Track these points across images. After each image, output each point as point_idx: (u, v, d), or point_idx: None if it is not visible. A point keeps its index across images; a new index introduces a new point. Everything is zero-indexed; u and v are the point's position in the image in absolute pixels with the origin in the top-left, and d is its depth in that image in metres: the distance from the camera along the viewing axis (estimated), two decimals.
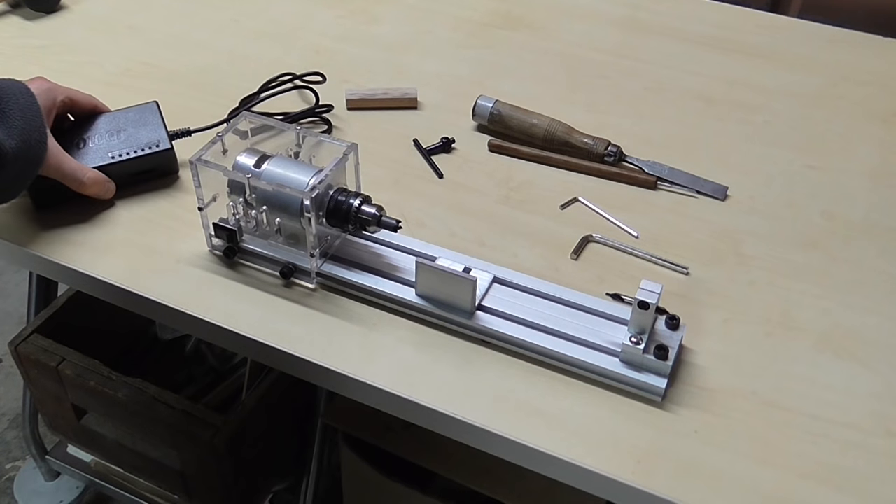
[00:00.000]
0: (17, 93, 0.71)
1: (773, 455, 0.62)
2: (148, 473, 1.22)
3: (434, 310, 0.70)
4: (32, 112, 0.71)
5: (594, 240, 0.80)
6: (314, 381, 0.71)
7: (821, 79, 1.03)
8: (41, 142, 0.72)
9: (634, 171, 0.87)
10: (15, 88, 0.71)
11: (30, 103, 0.71)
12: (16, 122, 0.68)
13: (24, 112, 0.70)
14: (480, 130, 0.93)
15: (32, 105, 0.71)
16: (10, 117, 0.68)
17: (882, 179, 0.88)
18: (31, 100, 0.71)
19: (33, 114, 0.71)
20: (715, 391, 0.66)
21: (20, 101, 0.70)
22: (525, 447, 0.62)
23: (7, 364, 1.73)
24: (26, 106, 0.70)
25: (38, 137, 0.71)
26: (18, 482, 1.48)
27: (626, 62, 1.06)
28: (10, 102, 0.69)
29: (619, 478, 0.60)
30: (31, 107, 0.71)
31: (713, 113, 0.98)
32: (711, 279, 0.76)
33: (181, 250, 0.76)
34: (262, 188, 0.70)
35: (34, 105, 0.72)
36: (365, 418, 1.06)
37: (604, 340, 0.67)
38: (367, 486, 1.11)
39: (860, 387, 0.67)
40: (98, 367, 1.11)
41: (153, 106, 0.85)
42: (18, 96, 0.70)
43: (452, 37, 1.10)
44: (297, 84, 0.97)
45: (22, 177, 0.71)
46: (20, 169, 0.70)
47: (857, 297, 0.75)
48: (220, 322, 0.70)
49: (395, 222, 0.70)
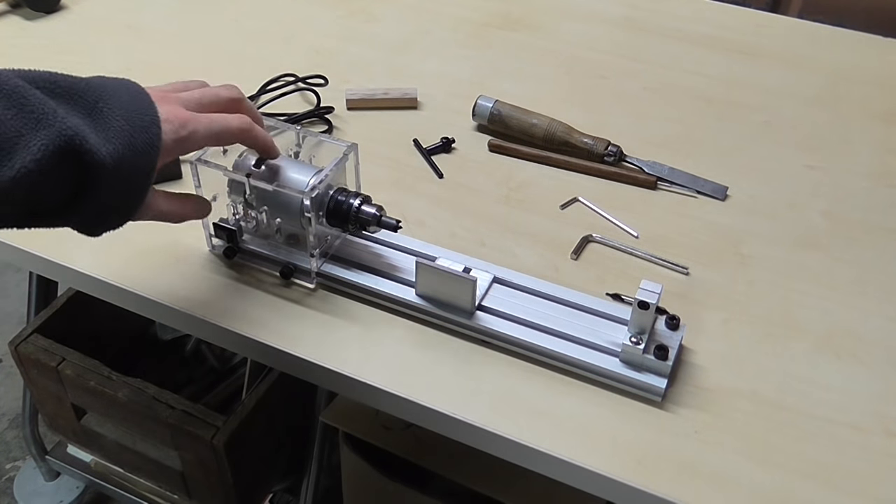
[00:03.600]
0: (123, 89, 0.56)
1: (773, 455, 0.62)
2: (148, 473, 1.22)
3: (434, 310, 0.70)
4: (141, 109, 0.55)
5: (594, 240, 0.80)
6: (314, 381, 0.71)
7: (821, 79, 1.03)
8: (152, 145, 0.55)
9: (634, 171, 0.87)
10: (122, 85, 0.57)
11: (139, 101, 0.56)
12: (115, 122, 0.54)
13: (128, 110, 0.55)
14: (480, 130, 0.93)
15: (142, 103, 0.56)
16: (108, 117, 0.54)
17: (882, 179, 0.88)
18: (141, 97, 0.56)
19: (142, 111, 0.55)
20: (715, 391, 0.66)
21: (123, 98, 0.55)
22: (525, 447, 0.62)
23: (7, 364, 1.73)
24: (131, 103, 0.55)
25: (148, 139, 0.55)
26: (18, 482, 1.48)
27: (626, 62, 1.06)
28: (110, 100, 0.55)
29: (619, 478, 0.60)
30: (141, 104, 0.56)
31: (713, 113, 0.98)
32: (711, 279, 0.76)
33: (181, 250, 0.77)
34: (262, 188, 0.70)
35: (145, 103, 0.56)
36: (365, 418, 1.06)
37: (604, 340, 0.67)
38: (367, 486, 1.11)
39: (860, 387, 0.67)
40: (98, 367, 1.11)
41: None
42: (123, 93, 0.56)
43: (452, 37, 1.10)
44: (300, 86, 0.97)
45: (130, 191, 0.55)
46: (126, 179, 0.54)
47: (857, 297, 0.75)
48: (220, 322, 0.70)
49: (395, 222, 0.70)
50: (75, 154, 0.51)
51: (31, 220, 0.54)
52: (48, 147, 0.49)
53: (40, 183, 0.50)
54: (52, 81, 0.53)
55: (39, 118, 0.49)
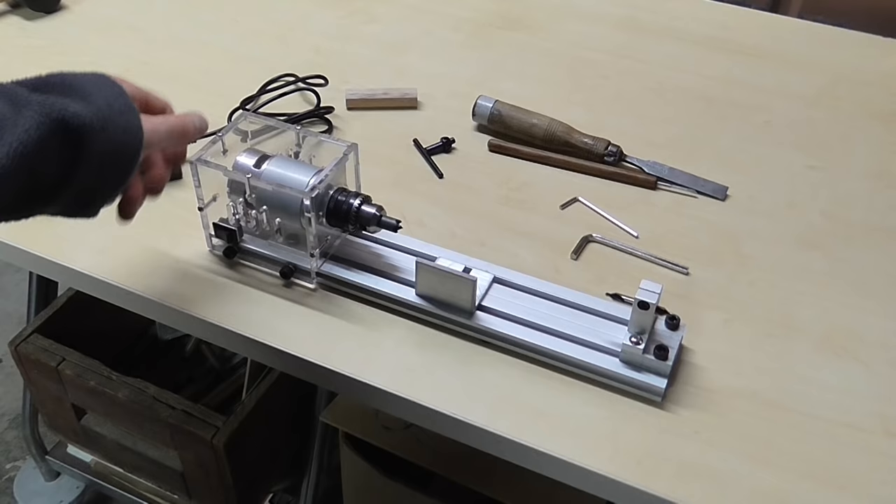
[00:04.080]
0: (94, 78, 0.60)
1: (773, 455, 0.62)
2: (148, 473, 1.22)
3: (434, 310, 0.70)
4: (109, 84, 0.60)
5: (594, 240, 0.80)
6: (314, 381, 0.71)
7: (821, 79, 1.03)
8: (130, 110, 0.59)
9: (634, 171, 0.87)
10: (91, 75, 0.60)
11: (109, 84, 0.60)
12: (90, 93, 0.57)
13: (99, 85, 0.59)
14: (480, 130, 0.93)
15: (113, 86, 0.60)
16: (81, 91, 0.57)
17: (882, 179, 0.88)
18: (109, 81, 0.60)
19: (111, 85, 0.59)
20: (715, 391, 0.66)
21: (89, 77, 0.60)
22: (525, 447, 0.62)
23: (7, 364, 1.73)
24: (98, 79, 0.59)
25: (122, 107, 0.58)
26: (18, 482, 1.48)
27: (626, 62, 1.06)
28: (78, 80, 0.59)
29: (620, 478, 0.60)
30: (107, 81, 0.60)
31: (713, 113, 0.98)
32: (711, 279, 0.76)
33: (181, 250, 0.76)
34: (262, 188, 0.70)
35: (115, 86, 0.60)
36: (365, 418, 1.06)
37: (604, 340, 0.67)
38: (367, 486, 1.11)
39: (860, 387, 0.67)
40: (98, 367, 1.11)
41: None
42: (88, 75, 0.60)
43: (452, 37, 1.10)
44: (300, 86, 0.97)
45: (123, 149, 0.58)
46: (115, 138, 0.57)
47: (857, 297, 0.75)
48: (220, 322, 0.70)
49: (395, 222, 0.70)
50: (62, 122, 0.53)
51: (33, 203, 0.55)
52: (35, 121, 0.52)
53: (35, 156, 0.52)
54: (28, 81, 0.57)
55: (24, 103, 0.53)
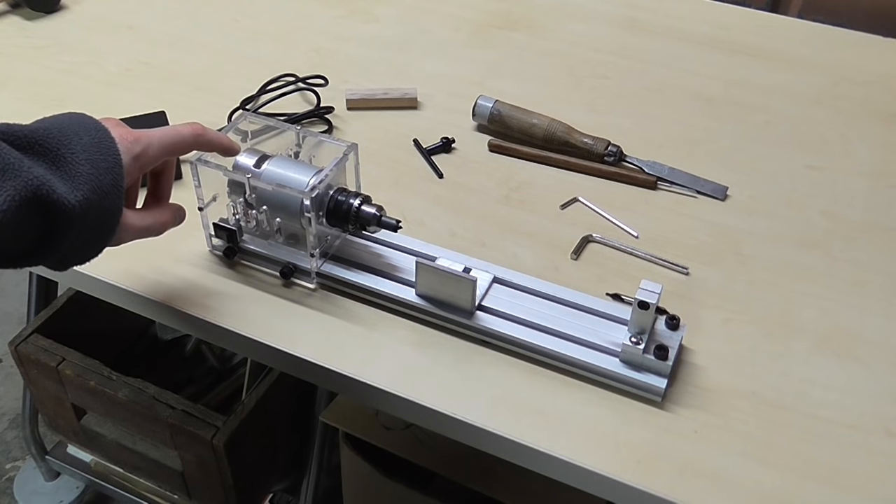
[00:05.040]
0: (82, 130, 0.56)
1: (773, 455, 0.62)
2: (148, 473, 1.22)
3: (434, 310, 0.70)
4: (102, 150, 0.56)
5: (594, 240, 0.80)
6: (314, 381, 0.71)
7: (821, 79, 1.03)
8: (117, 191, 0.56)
9: (634, 171, 0.87)
10: (79, 124, 0.57)
11: (99, 140, 0.56)
12: (80, 167, 0.54)
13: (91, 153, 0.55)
14: (480, 130, 0.93)
15: (103, 141, 0.56)
16: (72, 163, 0.54)
17: (882, 179, 0.88)
18: (100, 135, 0.57)
19: (104, 152, 0.56)
20: (715, 391, 0.66)
21: (84, 140, 0.55)
22: (525, 447, 0.62)
23: (7, 364, 1.73)
24: (92, 145, 0.56)
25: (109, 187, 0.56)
26: (18, 482, 1.48)
27: (626, 62, 1.06)
28: (71, 144, 0.55)
29: (620, 478, 0.60)
30: (101, 144, 0.56)
31: (713, 113, 0.98)
32: (711, 279, 0.76)
33: (181, 250, 0.76)
34: (262, 188, 0.70)
35: (105, 140, 0.57)
36: (365, 418, 1.06)
37: (604, 340, 0.67)
38: (367, 486, 1.11)
39: (860, 387, 0.67)
40: (98, 367, 1.11)
41: (161, 115, 0.86)
42: (83, 134, 0.56)
43: (452, 37, 1.10)
44: (300, 86, 0.97)
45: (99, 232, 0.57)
46: (94, 223, 0.56)
47: (857, 297, 0.75)
48: (220, 322, 0.70)
49: (395, 222, 0.70)
50: (42, 204, 0.51)
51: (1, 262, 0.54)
52: (14, 198, 0.49)
53: (7, 230, 0.50)
54: (11, 133, 0.53)
55: (5, 168, 0.50)
